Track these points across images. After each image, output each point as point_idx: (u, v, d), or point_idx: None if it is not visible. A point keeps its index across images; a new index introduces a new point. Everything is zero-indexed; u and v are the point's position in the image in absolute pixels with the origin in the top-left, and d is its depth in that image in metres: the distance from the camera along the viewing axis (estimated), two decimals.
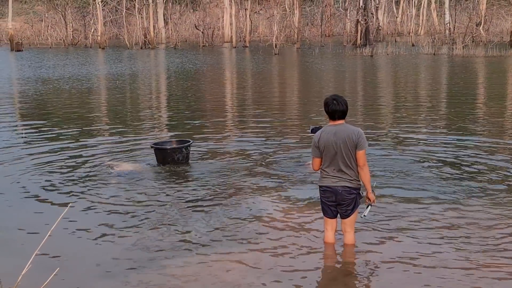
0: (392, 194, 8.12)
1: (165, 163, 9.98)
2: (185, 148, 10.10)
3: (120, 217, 7.34)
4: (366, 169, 5.81)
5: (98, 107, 18.55)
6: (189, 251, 6.19)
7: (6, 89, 23.04)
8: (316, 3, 70.17)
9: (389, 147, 11.23)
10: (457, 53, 39.78)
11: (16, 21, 62.70)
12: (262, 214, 7.34)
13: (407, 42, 52.77)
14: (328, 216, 6.04)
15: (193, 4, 76.59)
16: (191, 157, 10.37)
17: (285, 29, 54.45)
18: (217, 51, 50.23)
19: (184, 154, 10.10)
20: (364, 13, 51.17)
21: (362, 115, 15.66)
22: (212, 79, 27.25)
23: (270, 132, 13.07)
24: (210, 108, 18.03)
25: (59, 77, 27.20)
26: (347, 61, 36.13)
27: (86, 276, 5.68)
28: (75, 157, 10.78)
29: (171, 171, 9.65)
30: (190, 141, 10.36)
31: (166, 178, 9.23)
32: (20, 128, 14.18)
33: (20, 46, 51.35)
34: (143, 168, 9.87)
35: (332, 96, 5.82)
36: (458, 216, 7.15)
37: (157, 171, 9.69)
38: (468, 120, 14.53)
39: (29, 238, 6.60)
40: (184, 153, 10.10)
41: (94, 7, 61.32)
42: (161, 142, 10.71)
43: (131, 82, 25.54)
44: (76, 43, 62.29)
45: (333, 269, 5.89)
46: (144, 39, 55.72)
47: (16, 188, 8.73)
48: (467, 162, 9.98)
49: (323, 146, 5.77)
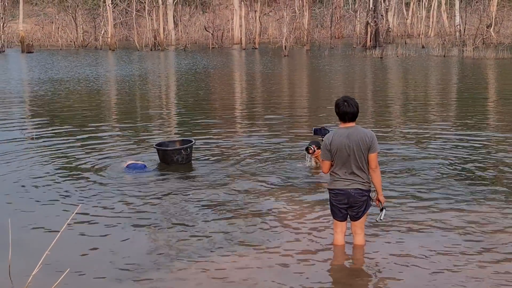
0: (403, 194, 8.09)
1: (168, 163, 10.03)
2: (184, 149, 10.07)
3: (130, 218, 7.36)
4: (378, 171, 5.85)
5: (108, 107, 18.61)
6: (199, 253, 6.19)
7: (17, 90, 23.19)
8: (325, 5, 70.12)
9: (400, 148, 11.17)
10: (467, 55, 39.59)
11: (27, 23, 63.04)
12: (270, 216, 7.34)
13: (417, 44, 52.60)
14: (338, 218, 6.02)
15: (202, 6, 76.71)
16: (199, 157, 10.39)
17: (294, 31, 54.37)
18: (227, 53, 50.27)
19: (183, 155, 10.08)
20: (374, 15, 51.05)
21: (371, 116, 15.62)
22: (222, 80, 27.28)
23: (279, 133, 13.04)
24: (219, 108, 18.04)
25: (70, 78, 27.30)
26: (357, 63, 36.05)
27: (96, 277, 5.69)
28: (85, 157, 10.83)
29: (179, 171, 9.67)
30: (191, 142, 10.34)
31: (174, 179, 9.24)
32: (30, 128, 14.26)
33: (31, 48, 51.65)
34: (152, 168, 9.91)
35: (343, 98, 5.82)
36: (471, 219, 7.09)
37: (164, 172, 9.72)
38: (480, 120, 14.45)
39: (40, 239, 6.63)
40: (183, 155, 10.08)
41: (104, 9, 61.57)
42: (165, 142, 10.76)
43: (141, 83, 25.60)
44: (86, 44, 62.55)
45: (343, 271, 5.87)
46: (154, 41, 55.83)
47: (26, 189, 8.77)
48: (480, 163, 9.92)
49: (335, 149, 5.76)
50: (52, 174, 9.63)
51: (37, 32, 65.61)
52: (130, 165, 9.81)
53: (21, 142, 12.44)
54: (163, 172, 9.70)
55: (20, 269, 5.49)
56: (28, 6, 71.12)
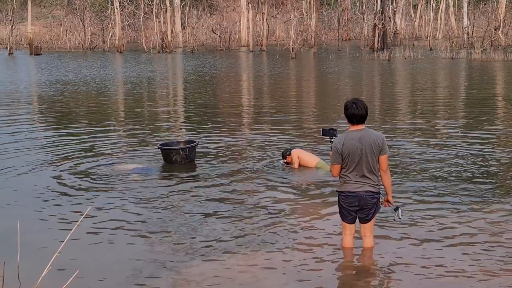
0: (413, 196, 8.06)
1: (170, 163, 10.17)
2: (182, 150, 10.15)
3: (137, 220, 7.34)
4: (389, 173, 5.87)
5: (116, 108, 18.66)
6: (206, 254, 6.18)
7: (25, 91, 23.29)
8: (333, 7, 70.09)
9: (409, 150, 11.14)
10: (475, 57, 39.45)
11: (35, 25, 63.33)
12: (276, 217, 7.32)
13: (424, 46, 52.46)
14: (348, 221, 6.00)
15: (210, 8, 76.79)
16: (205, 157, 10.42)
17: (302, 33, 54.33)
18: (234, 55, 50.31)
19: (182, 156, 10.14)
20: (381, 17, 50.99)
21: (379, 118, 15.56)
22: (229, 82, 27.27)
23: (286, 134, 13.02)
24: (226, 110, 18.03)
25: (78, 80, 27.38)
26: (364, 65, 35.98)
27: (105, 279, 5.68)
28: (93, 158, 10.85)
29: (186, 172, 9.71)
30: (193, 143, 10.41)
31: (181, 180, 9.23)
32: (39, 129, 14.31)
33: (39, 50, 51.88)
34: (156, 169, 9.98)
35: (352, 100, 5.80)
36: (481, 222, 7.03)
37: (170, 173, 9.76)
38: (488, 123, 14.38)
39: (49, 240, 6.63)
40: (182, 155, 10.14)
41: (112, 12, 61.80)
42: (170, 142, 10.86)
43: (148, 85, 25.65)
44: (94, 47, 62.76)
45: (352, 274, 5.83)
46: (161, 43, 55.97)
47: (34, 190, 8.78)
48: (489, 165, 9.86)
49: (347, 152, 5.72)
50: (60, 175, 9.64)
51: (45, 35, 65.92)
52: (134, 169, 9.85)
53: (29, 142, 12.47)
54: (170, 173, 9.73)
55: (29, 270, 5.49)
56: (37, 8, 71.49)
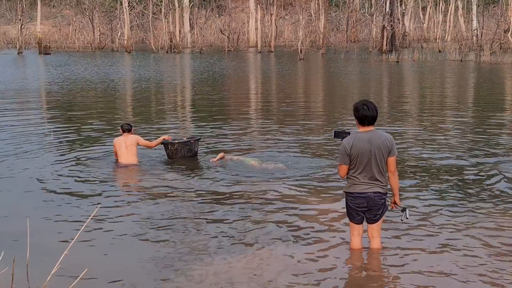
0: (421, 198, 8.04)
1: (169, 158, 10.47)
2: (170, 144, 10.40)
3: (145, 220, 7.35)
4: (397, 174, 5.88)
5: (125, 107, 18.72)
6: (212, 254, 6.19)
7: (34, 90, 23.39)
8: (341, 9, 69.93)
9: (417, 151, 11.11)
10: (484, 59, 39.29)
11: (44, 24, 63.55)
12: (282, 217, 7.32)
13: (433, 48, 52.31)
14: (356, 221, 5.99)
15: (218, 9, 76.83)
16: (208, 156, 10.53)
17: (310, 34, 54.29)
18: (242, 55, 50.34)
19: (172, 150, 10.39)
20: (390, 18, 50.83)
21: (388, 120, 15.52)
22: (237, 82, 27.30)
23: (293, 135, 13.01)
24: (234, 109, 18.04)
25: (87, 79, 27.47)
26: (373, 67, 35.91)
27: (113, 279, 5.69)
28: (101, 157, 10.89)
29: (192, 169, 9.81)
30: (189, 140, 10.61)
31: (186, 177, 9.28)
32: (48, 128, 14.35)
33: (48, 49, 52.06)
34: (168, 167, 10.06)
35: (363, 102, 5.79)
36: (490, 225, 7.01)
37: (178, 169, 9.85)
38: (497, 126, 14.32)
39: (58, 239, 6.64)
40: (171, 149, 10.40)
41: (121, 12, 61.92)
42: (175, 139, 11.00)
43: (157, 84, 25.70)
44: (103, 46, 62.92)
45: (360, 275, 5.82)
46: (170, 43, 56.03)
47: (43, 188, 8.83)
48: (498, 168, 9.80)
49: (356, 153, 5.71)
50: (69, 174, 9.68)
51: (54, 34, 66.10)
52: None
53: (38, 141, 12.51)
54: (177, 170, 9.84)
55: (38, 269, 5.50)
56: (46, 8, 71.68)
